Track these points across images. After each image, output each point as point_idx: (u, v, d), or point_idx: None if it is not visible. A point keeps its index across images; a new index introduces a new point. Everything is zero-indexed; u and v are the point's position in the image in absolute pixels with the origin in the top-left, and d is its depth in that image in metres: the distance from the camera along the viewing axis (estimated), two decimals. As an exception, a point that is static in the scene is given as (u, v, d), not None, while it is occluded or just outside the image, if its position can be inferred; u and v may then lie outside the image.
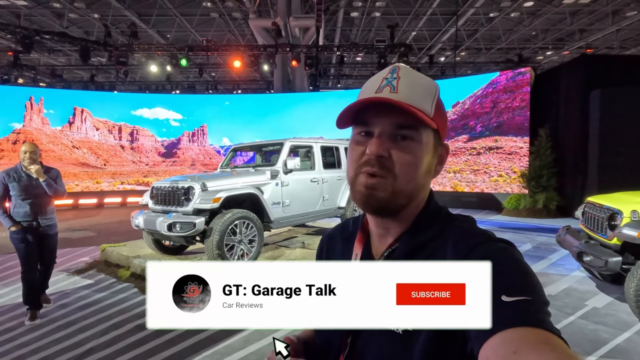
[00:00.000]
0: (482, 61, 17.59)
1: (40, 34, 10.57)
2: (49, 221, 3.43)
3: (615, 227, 3.06)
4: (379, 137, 0.58)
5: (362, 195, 0.59)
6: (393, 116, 0.57)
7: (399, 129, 0.58)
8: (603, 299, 3.44)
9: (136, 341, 2.92)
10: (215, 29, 14.38)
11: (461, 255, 0.54)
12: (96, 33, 13.64)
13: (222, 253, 3.80)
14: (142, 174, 12.20)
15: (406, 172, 0.58)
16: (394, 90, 0.58)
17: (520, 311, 0.45)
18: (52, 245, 3.54)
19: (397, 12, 13.04)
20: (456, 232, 0.58)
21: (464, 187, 9.99)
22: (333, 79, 18.73)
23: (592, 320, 3.02)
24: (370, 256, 0.65)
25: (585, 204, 3.75)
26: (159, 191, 4.31)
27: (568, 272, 4.32)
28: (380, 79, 0.60)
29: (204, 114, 12.81)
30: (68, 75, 18.84)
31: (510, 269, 0.50)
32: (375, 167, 0.57)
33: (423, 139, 0.58)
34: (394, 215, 0.61)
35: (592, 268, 3.23)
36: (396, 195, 0.58)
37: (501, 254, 0.52)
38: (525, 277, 0.50)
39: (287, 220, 4.91)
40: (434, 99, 0.59)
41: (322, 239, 0.81)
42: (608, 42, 15.31)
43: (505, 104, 9.41)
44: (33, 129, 10.96)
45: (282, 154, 4.87)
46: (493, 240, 0.56)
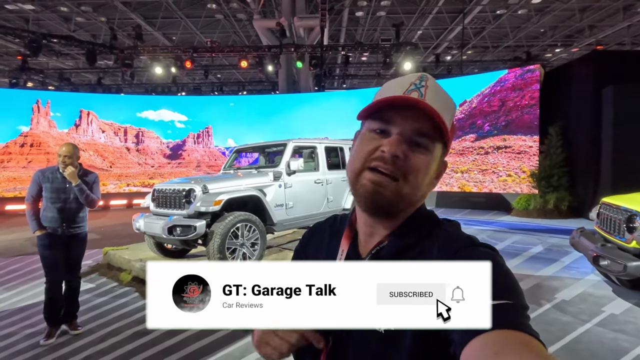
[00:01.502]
0: (489, 59, 17.34)
1: (48, 38, 10.67)
2: (76, 229, 3.10)
3: (634, 229, 2.90)
4: (398, 137, 0.58)
5: (367, 191, 0.59)
6: (415, 121, 0.58)
7: (418, 135, 0.58)
8: (621, 305, 3.28)
9: (135, 348, 2.85)
10: (220, 30, 14.38)
11: (446, 258, 0.55)
12: (103, 36, 13.73)
13: (223, 257, 3.72)
14: (148, 176, 12.22)
15: (415, 177, 0.58)
16: (421, 96, 0.58)
17: (502, 314, 0.46)
18: (75, 255, 3.17)
19: (403, 11, 12.89)
20: (442, 236, 0.60)
21: (472, 188, 9.81)
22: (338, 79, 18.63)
23: (610, 328, 2.87)
24: (357, 254, 0.65)
25: (601, 204, 3.59)
26: (160, 194, 4.25)
27: (582, 275, 4.15)
28: (407, 82, 0.60)
29: (209, 115, 12.79)
30: (76, 78, 19.03)
31: (492, 273, 0.49)
32: (388, 165, 0.57)
33: (434, 151, 0.60)
34: (389, 217, 0.62)
35: (609, 273, 3.07)
36: (401, 198, 0.58)
37: (486, 259, 0.51)
38: (507, 282, 0.51)
39: (291, 223, 4.81)
40: (453, 115, 0.62)
41: (305, 233, 0.81)
42: (619, 39, 14.97)
43: (514, 102, 9.21)
44: (40, 132, 11.04)
45: (285, 155, 4.78)
46: (476, 245, 0.57)
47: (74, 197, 3.04)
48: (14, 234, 7.62)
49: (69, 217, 3.04)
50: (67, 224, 3.04)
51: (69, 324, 3.15)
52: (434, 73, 16.46)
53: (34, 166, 10.94)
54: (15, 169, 10.79)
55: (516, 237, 6.16)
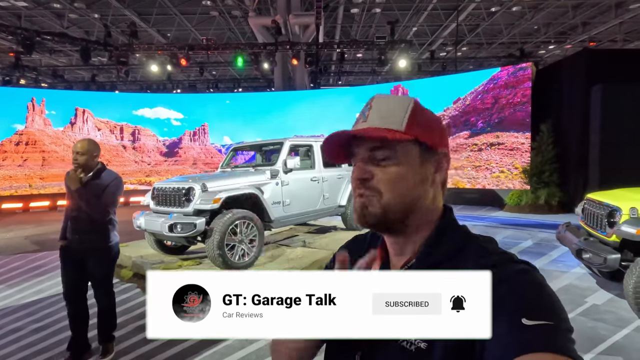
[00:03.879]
0: (483, 56, 17.47)
1: (41, 35, 10.61)
2: (92, 242, 2.57)
3: (614, 224, 3.05)
4: (360, 163, 0.63)
5: (357, 214, 0.62)
6: (365, 143, 0.62)
7: (373, 151, 0.61)
8: (603, 296, 3.45)
9: (137, 342, 2.95)
10: (215, 27, 14.36)
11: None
12: (96, 33, 13.66)
13: (222, 253, 3.83)
14: (144, 174, 12.26)
15: (389, 187, 0.60)
16: (364, 120, 0.62)
17: (542, 336, 0.44)
18: (95, 274, 2.65)
19: (398, 7, 12.95)
20: (477, 251, 0.58)
21: (466, 184, 9.98)
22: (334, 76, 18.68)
23: (591, 317, 3.03)
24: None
25: (585, 200, 3.74)
26: (160, 192, 4.34)
27: (568, 268, 4.32)
28: (358, 115, 0.65)
29: (205, 113, 12.83)
30: (69, 75, 18.90)
31: (532, 291, 0.50)
32: (362, 189, 0.61)
33: (399, 154, 0.60)
34: (395, 228, 0.62)
35: (591, 265, 3.23)
36: (387, 209, 0.60)
37: (523, 276, 0.52)
38: (548, 301, 0.49)
39: (288, 220, 4.93)
40: (407, 112, 0.61)
41: (343, 246, 0.81)
42: (611, 36, 15.15)
43: (507, 100, 9.36)
44: (35, 130, 11.02)
45: (281, 154, 4.89)
46: (515, 261, 0.55)
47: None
48: (12, 232, 7.66)
49: (82, 227, 2.58)
50: (81, 236, 2.58)
51: (102, 349, 2.72)
52: (429, 70, 16.58)
53: (30, 165, 10.94)
54: (10, 168, 10.78)
55: (508, 232, 6.33)
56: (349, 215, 5.80)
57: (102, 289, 2.72)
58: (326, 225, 6.71)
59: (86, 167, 2.57)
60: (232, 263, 3.92)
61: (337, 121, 11.86)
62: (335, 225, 6.65)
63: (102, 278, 2.70)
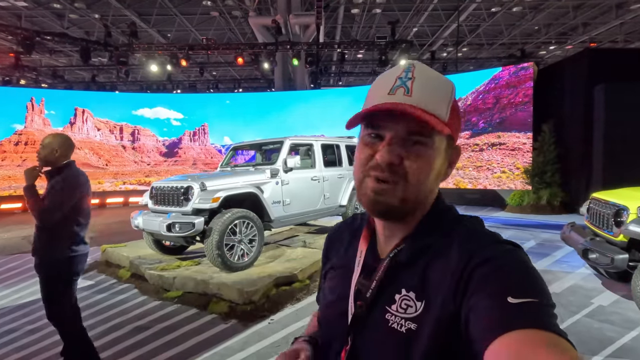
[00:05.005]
0: (484, 57, 17.44)
1: (41, 35, 10.58)
2: (36, 252, 2.19)
3: (621, 223, 2.99)
4: (390, 143, 0.56)
5: (369, 200, 0.58)
6: (406, 122, 0.55)
7: (411, 134, 0.56)
8: (609, 297, 3.38)
9: (135, 343, 2.90)
10: (215, 27, 14.33)
11: (467, 254, 0.53)
12: (97, 33, 13.64)
13: (221, 253, 3.77)
14: (144, 174, 12.21)
15: (418, 179, 0.57)
16: (407, 92, 0.56)
17: (527, 313, 0.44)
18: (42, 295, 2.21)
19: (398, 8, 12.92)
20: (463, 233, 0.58)
21: (467, 184, 9.92)
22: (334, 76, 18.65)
23: (597, 319, 2.96)
24: (376, 254, 0.65)
25: (590, 200, 3.68)
26: (158, 191, 4.28)
27: (573, 269, 4.25)
28: (393, 78, 0.58)
29: (205, 113, 12.78)
30: (69, 75, 18.88)
31: (516, 270, 0.50)
32: (385, 173, 0.56)
33: (435, 144, 0.57)
34: (400, 220, 0.61)
35: (597, 266, 3.17)
36: (405, 202, 0.57)
37: (508, 256, 0.52)
38: (532, 279, 0.49)
39: (288, 219, 4.87)
40: (450, 101, 0.58)
41: (329, 233, 0.82)
42: (612, 36, 15.12)
43: (508, 100, 9.30)
44: (35, 130, 10.98)
45: (282, 153, 4.83)
46: (500, 242, 0.55)
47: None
48: (10, 232, 7.60)
49: (40, 235, 2.19)
50: (34, 243, 2.21)
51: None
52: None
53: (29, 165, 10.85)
54: (10, 168, 10.73)
55: (510, 233, 6.27)
56: (349, 215, 5.73)
57: (54, 318, 2.23)
58: (326, 226, 6.65)
59: (45, 164, 2.22)
60: (231, 263, 3.86)
61: (337, 122, 11.82)
62: (335, 226, 6.58)
63: (47, 302, 2.21)
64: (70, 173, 2.24)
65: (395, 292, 0.58)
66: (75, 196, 2.21)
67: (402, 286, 0.58)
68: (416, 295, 0.56)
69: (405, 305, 0.56)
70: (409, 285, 0.57)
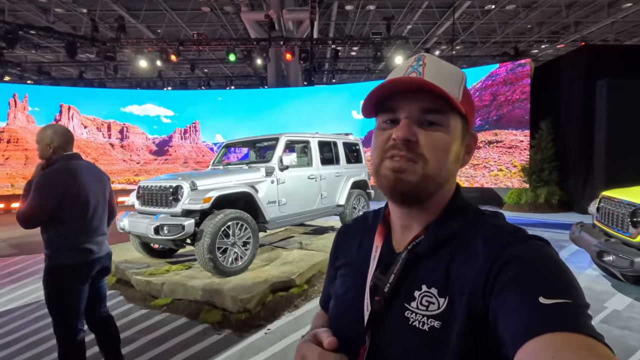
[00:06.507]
0: (477, 54, 17.41)
1: (25, 29, 10.16)
2: (45, 256, 2.05)
3: (638, 223, 2.83)
4: (406, 120, 0.56)
5: (389, 180, 0.56)
6: (420, 100, 0.56)
7: (426, 113, 0.56)
8: (622, 300, 3.23)
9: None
10: (207, 23, 14.00)
11: (494, 251, 0.51)
12: (84, 28, 13.21)
13: (213, 257, 3.52)
14: (133, 173, 11.85)
15: (436, 156, 0.56)
16: (420, 75, 0.57)
17: (561, 315, 0.42)
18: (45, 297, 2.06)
19: (392, 4, 12.76)
20: (487, 227, 0.56)
21: (464, 182, 9.80)
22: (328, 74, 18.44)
23: (615, 325, 2.80)
24: (392, 249, 0.63)
25: (601, 198, 3.53)
26: (145, 191, 4.02)
27: (580, 270, 4.11)
28: (405, 66, 0.59)
29: (196, 110, 12.45)
30: (57, 72, 18.36)
31: (548, 269, 0.48)
32: (403, 151, 0.55)
33: (451, 124, 0.57)
34: (422, 204, 0.59)
35: (614, 269, 3.00)
36: (427, 179, 0.56)
37: (538, 253, 0.50)
38: (565, 278, 0.47)
39: (284, 220, 4.64)
40: (462, 84, 0.59)
41: (338, 232, 0.79)
42: (603, 35, 15.22)
43: (505, 97, 9.20)
44: (18, 127, 10.54)
45: (277, 150, 4.60)
46: (528, 237, 0.53)
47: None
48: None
49: (42, 239, 2.04)
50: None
51: None
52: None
53: (12, 163, 10.46)
54: (-8, 167, 10.30)
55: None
56: (347, 215, 5.54)
57: (54, 331, 2.08)
58: (324, 226, 6.44)
59: (45, 160, 2.06)
60: (224, 268, 3.61)
61: (331, 119, 11.61)
62: (333, 226, 6.39)
63: (46, 304, 2.06)
64: (51, 168, 2.01)
65: (415, 288, 0.56)
66: (55, 195, 1.95)
67: (422, 282, 0.55)
68: (438, 292, 0.54)
69: (427, 302, 0.54)
70: (430, 280, 0.55)
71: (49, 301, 2.04)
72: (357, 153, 6.26)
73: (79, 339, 2.10)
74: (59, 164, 2.05)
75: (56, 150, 2.06)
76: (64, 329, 2.06)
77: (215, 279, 3.59)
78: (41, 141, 2.05)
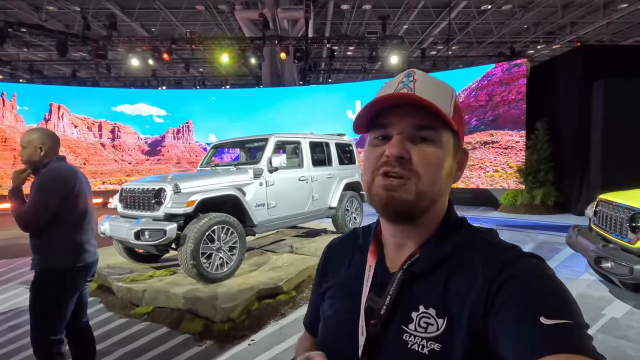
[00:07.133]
0: (473, 55, 17.36)
1: (15, 27, 9.98)
2: (34, 261, 1.94)
3: (637, 229, 2.72)
4: (398, 137, 0.55)
5: (381, 198, 0.55)
6: (412, 117, 0.56)
7: (419, 129, 0.56)
8: (621, 308, 3.12)
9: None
10: (201, 21, 13.84)
11: (493, 270, 0.51)
12: (77, 27, 13.01)
13: (197, 263, 3.38)
14: (125, 173, 11.67)
15: (429, 172, 0.55)
16: (411, 91, 0.56)
17: (562, 336, 0.42)
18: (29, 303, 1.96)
19: (388, 4, 12.66)
20: (484, 245, 0.56)
21: (459, 183, 9.69)
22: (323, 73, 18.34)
23: (613, 335, 2.68)
24: (385, 269, 0.61)
25: (598, 201, 3.42)
26: (128, 193, 3.87)
27: (576, 275, 4.00)
28: (396, 82, 0.59)
29: (189, 109, 12.28)
30: (49, 71, 18.13)
31: (546, 288, 0.47)
32: (396, 168, 0.54)
33: (443, 140, 0.56)
34: (415, 221, 0.57)
35: (612, 275, 2.89)
36: (420, 196, 0.54)
37: (535, 271, 0.50)
38: (564, 298, 0.46)
39: (273, 224, 4.50)
40: (452, 100, 0.58)
41: (325, 250, 0.76)
42: (598, 36, 15.22)
43: (501, 97, 9.11)
44: (6, 127, 10.34)
45: (266, 151, 4.46)
46: (525, 255, 0.53)
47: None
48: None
49: (32, 243, 1.95)
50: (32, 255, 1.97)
51: None
52: (419, 67, 16.32)
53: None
54: (-21, 168, 10.09)
55: (505, 234, 6.01)
56: (340, 218, 5.41)
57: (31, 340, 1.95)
58: (315, 228, 6.31)
59: (31, 164, 1.99)
60: (208, 274, 3.47)
61: (327, 119, 11.49)
62: (325, 228, 6.25)
63: (30, 311, 1.95)
64: (49, 168, 1.97)
65: (412, 309, 0.54)
66: (57, 195, 1.91)
67: (419, 302, 0.54)
68: (437, 312, 0.52)
69: (425, 323, 0.52)
70: (427, 300, 0.54)
71: (34, 308, 1.93)
72: (351, 154, 6.13)
73: (61, 351, 1.98)
74: (57, 164, 2.01)
75: (47, 153, 2.00)
76: (44, 340, 1.93)
77: (199, 285, 3.45)
78: (29, 145, 1.97)
